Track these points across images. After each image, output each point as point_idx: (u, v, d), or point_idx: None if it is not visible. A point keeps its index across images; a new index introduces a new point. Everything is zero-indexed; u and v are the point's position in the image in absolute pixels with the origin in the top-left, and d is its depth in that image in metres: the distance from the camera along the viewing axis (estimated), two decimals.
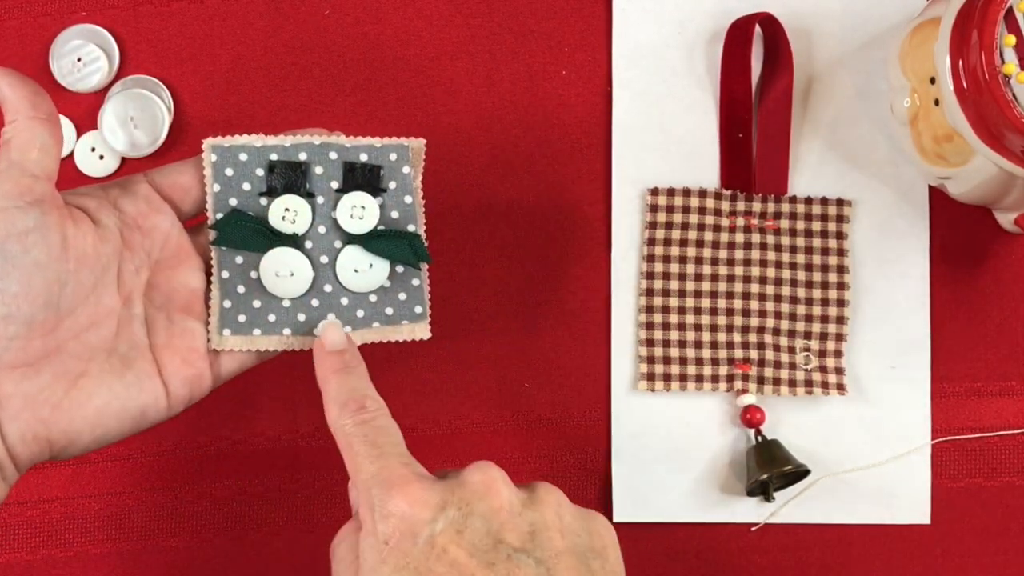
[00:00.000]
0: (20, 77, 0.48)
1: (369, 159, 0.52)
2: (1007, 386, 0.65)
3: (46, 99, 0.48)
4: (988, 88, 0.54)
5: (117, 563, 0.63)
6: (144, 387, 0.49)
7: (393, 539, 0.44)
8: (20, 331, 0.46)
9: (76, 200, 0.49)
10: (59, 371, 0.47)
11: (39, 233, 0.46)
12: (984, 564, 0.65)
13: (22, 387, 0.46)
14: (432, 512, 0.44)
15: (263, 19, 0.64)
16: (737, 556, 0.64)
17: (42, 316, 0.46)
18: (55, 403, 0.47)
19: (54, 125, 0.48)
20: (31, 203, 0.46)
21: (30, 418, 0.47)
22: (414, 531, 0.44)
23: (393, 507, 0.44)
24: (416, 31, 0.64)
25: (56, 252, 0.46)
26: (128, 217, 0.50)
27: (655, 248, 0.64)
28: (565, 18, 0.65)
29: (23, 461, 0.47)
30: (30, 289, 0.46)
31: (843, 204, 0.64)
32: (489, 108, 0.64)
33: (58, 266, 0.46)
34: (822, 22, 0.65)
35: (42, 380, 0.47)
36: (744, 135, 0.64)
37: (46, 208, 0.46)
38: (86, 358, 0.48)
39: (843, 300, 0.64)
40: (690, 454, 0.64)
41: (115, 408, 0.48)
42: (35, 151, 0.47)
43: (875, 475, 0.64)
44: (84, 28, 0.63)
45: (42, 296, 0.46)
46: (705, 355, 0.63)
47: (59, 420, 0.47)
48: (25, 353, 0.46)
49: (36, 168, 0.47)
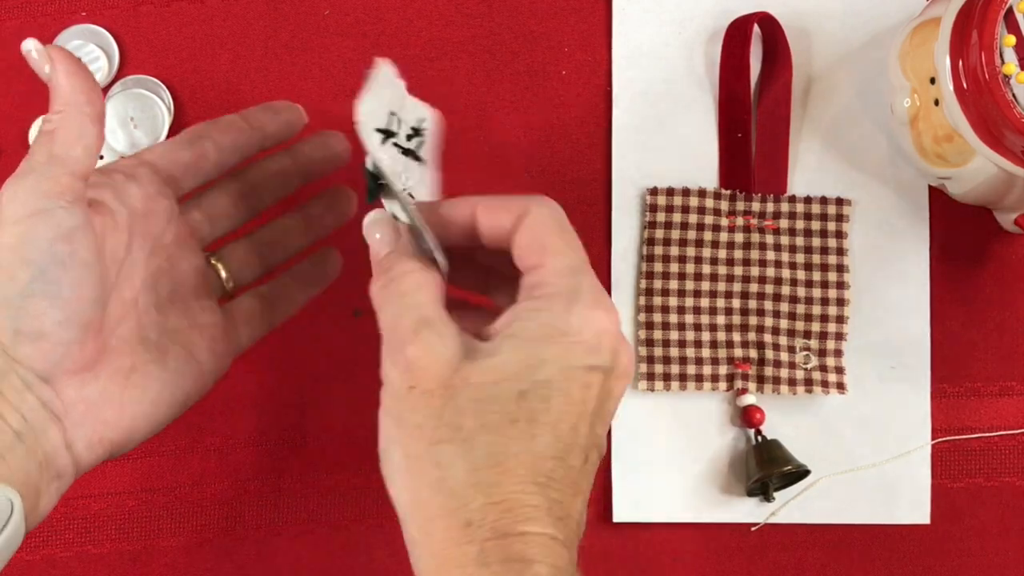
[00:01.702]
0: (79, 65, 0.46)
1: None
2: (1007, 386, 0.65)
3: (99, 95, 0.46)
4: (988, 88, 0.54)
5: (117, 563, 0.63)
6: (183, 370, 0.49)
7: (565, 340, 0.42)
8: (76, 335, 0.44)
9: (94, 193, 0.47)
10: (112, 370, 0.46)
11: (83, 232, 0.44)
12: (984, 564, 0.65)
13: (84, 392, 0.45)
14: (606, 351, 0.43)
15: (263, 19, 0.64)
16: (737, 556, 0.64)
17: (94, 315, 0.45)
18: (116, 403, 0.46)
19: (101, 126, 0.46)
20: (72, 202, 0.44)
21: (95, 422, 0.46)
22: (586, 349, 0.42)
23: (580, 321, 0.42)
24: (416, 31, 0.64)
25: (96, 249, 0.45)
26: (136, 202, 0.48)
27: (655, 248, 0.64)
28: (565, 18, 0.65)
29: (84, 467, 0.46)
30: (82, 290, 0.44)
31: (843, 204, 0.64)
32: (489, 108, 0.64)
33: (99, 263, 0.45)
34: (822, 22, 0.65)
35: (100, 382, 0.46)
36: (743, 135, 0.64)
37: (83, 207, 0.45)
38: (129, 352, 0.47)
39: (843, 300, 0.64)
40: (690, 454, 0.64)
41: (167, 397, 0.48)
42: (80, 149, 0.45)
43: (875, 475, 0.64)
44: (84, 28, 0.63)
45: (91, 296, 0.45)
46: (705, 355, 0.63)
47: (121, 419, 0.46)
48: (83, 356, 0.45)
49: (77, 167, 0.45)
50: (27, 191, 0.44)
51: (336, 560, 0.63)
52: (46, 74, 0.46)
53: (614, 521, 0.63)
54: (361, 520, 0.64)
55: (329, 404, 0.64)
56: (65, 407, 0.45)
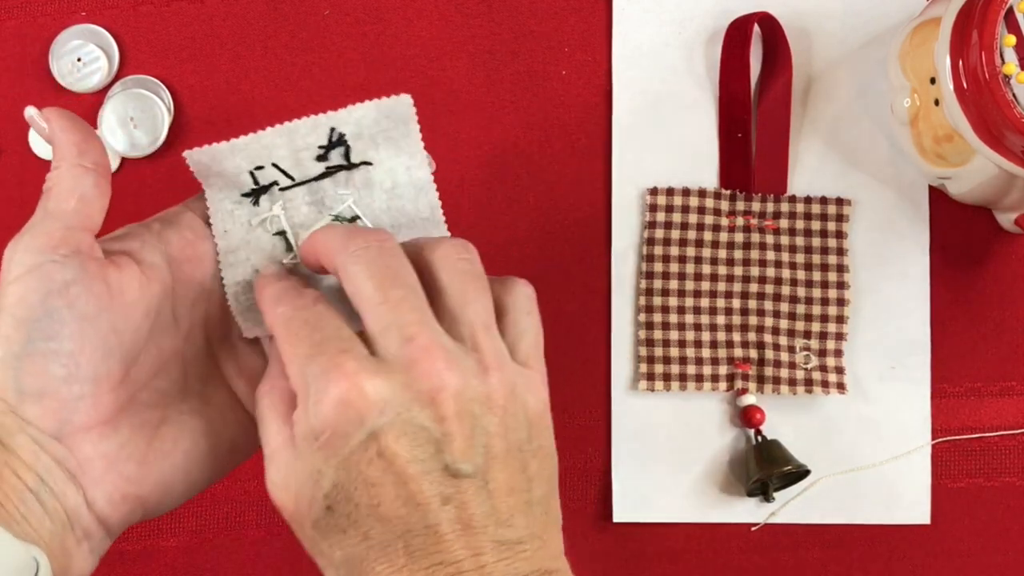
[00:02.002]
0: (72, 120, 0.45)
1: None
2: (1007, 386, 0.65)
3: (96, 146, 0.45)
4: (988, 88, 0.54)
5: (117, 563, 0.63)
6: (228, 421, 0.46)
7: (327, 432, 0.40)
8: (86, 389, 0.43)
9: (117, 245, 0.45)
10: (136, 423, 0.44)
11: (82, 285, 0.43)
12: (984, 564, 0.65)
13: (101, 448, 0.43)
14: (373, 411, 0.40)
15: (263, 19, 0.64)
16: (737, 556, 0.64)
17: (105, 369, 0.43)
18: (139, 458, 0.44)
19: (100, 176, 0.44)
20: (67, 255, 0.43)
21: (116, 479, 0.43)
22: (348, 429, 0.40)
23: (327, 396, 0.40)
24: (416, 31, 0.64)
25: (104, 302, 0.43)
26: (175, 249, 0.46)
27: (655, 248, 0.64)
28: (565, 18, 0.65)
29: (114, 525, 0.44)
30: (85, 344, 0.43)
31: (843, 203, 0.64)
32: (489, 108, 0.64)
33: (109, 315, 0.43)
34: (822, 22, 0.65)
35: (121, 436, 0.44)
36: (743, 135, 0.64)
37: (84, 259, 0.43)
38: (162, 405, 0.45)
39: (843, 300, 0.64)
40: (690, 454, 0.64)
41: (204, 449, 0.46)
42: (74, 201, 0.43)
43: (875, 475, 0.64)
44: (84, 28, 0.63)
45: (100, 349, 0.43)
46: (705, 355, 0.63)
47: (147, 475, 0.44)
48: (97, 411, 0.43)
49: (73, 219, 0.43)
50: (22, 249, 0.43)
51: None
52: (46, 134, 0.45)
53: (614, 521, 0.63)
54: None
55: None
56: (80, 464, 0.43)
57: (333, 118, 0.46)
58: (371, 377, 0.40)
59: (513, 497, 0.42)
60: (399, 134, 0.46)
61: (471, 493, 0.41)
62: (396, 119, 0.46)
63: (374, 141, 0.46)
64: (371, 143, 0.46)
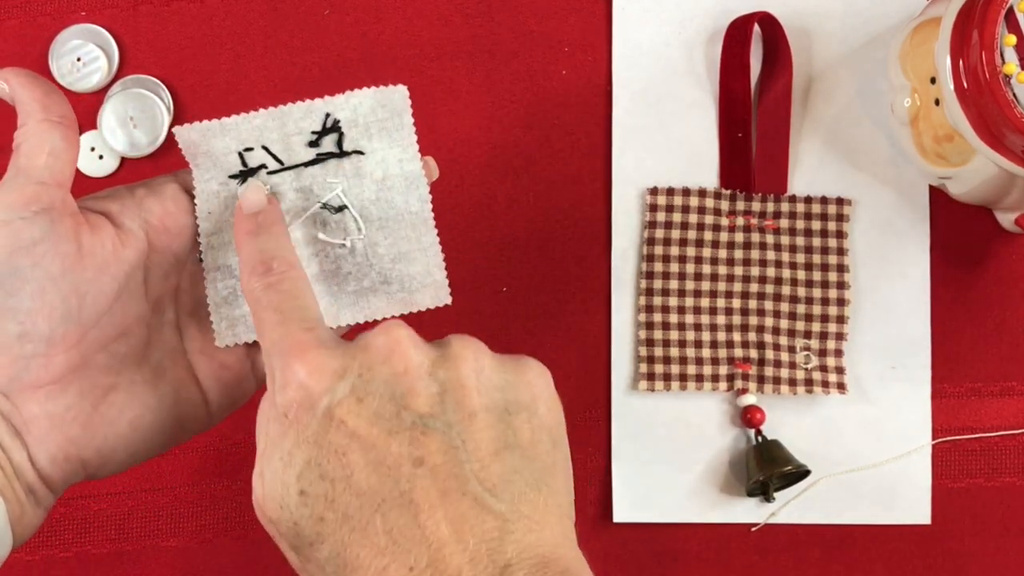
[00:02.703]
0: (31, 77, 0.44)
1: None
2: (1007, 386, 0.65)
3: (60, 100, 0.44)
4: (989, 88, 0.54)
5: (117, 563, 0.63)
6: (180, 396, 0.46)
7: (292, 410, 0.40)
8: (39, 349, 0.43)
9: (97, 204, 0.46)
10: (86, 386, 0.44)
11: (49, 243, 0.43)
12: (984, 564, 0.65)
13: (47, 407, 0.44)
14: (330, 380, 0.40)
15: (263, 19, 0.64)
16: (737, 556, 0.64)
17: (62, 330, 0.43)
18: (84, 421, 0.44)
19: (67, 128, 0.44)
20: (38, 212, 0.43)
21: (59, 438, 0.44)
22: (312, 401, 0.40)
23: (290, 375, 0.40)
24: (416, 31, 0.64)
25: (71, 262, 0.43)
26: (155, 218, 0.46)
27: (655, 248, 0.64)
28: (565, 18, 0.65)
29: (57, 483, 0.45)
30: (44, 304, 0.43)
31: (843, 203, 0.64)
32: (489, 108, 0.64)
33: (74, 276, 0.43)
34: (822, 21, 0.65)
35: (68, 398, 0.44)
36: (744, 135, 0.64)
37: (55, 216, 0.43)
38: (115, 370, 0.45)
39: (843, 299, 0.64)
40: (690, 454, 0.64)
41: (150, 421, 0.46)
42: (44, 156, 0.43)
43: (875, 475, 0.64)
44: (84, 28, 0.63)
45: (59, 309, 0.43)
46: (705, 355, 0.63)
47: (90, 438, 0.44)
48: (48, 371, 0.43)
49: (44, 174, 0.43)
50: None
51: None
52: (7, 95, 0.45)
53: (614, 521, 0.63)
54: None
55: None
56: (25, 421, 0.43)
57: (330, 103, 0.46)
58: (331, 350, 0.41)
59: (498, 463, 0.40)
60: (393, 125, 0.46)
61: (444, 453, 0.39)
62: (392, 109, 0.46)
63: (368, 130, 0.46)
64: (365, 132, 0.46)
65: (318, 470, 0.39)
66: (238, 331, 0.47)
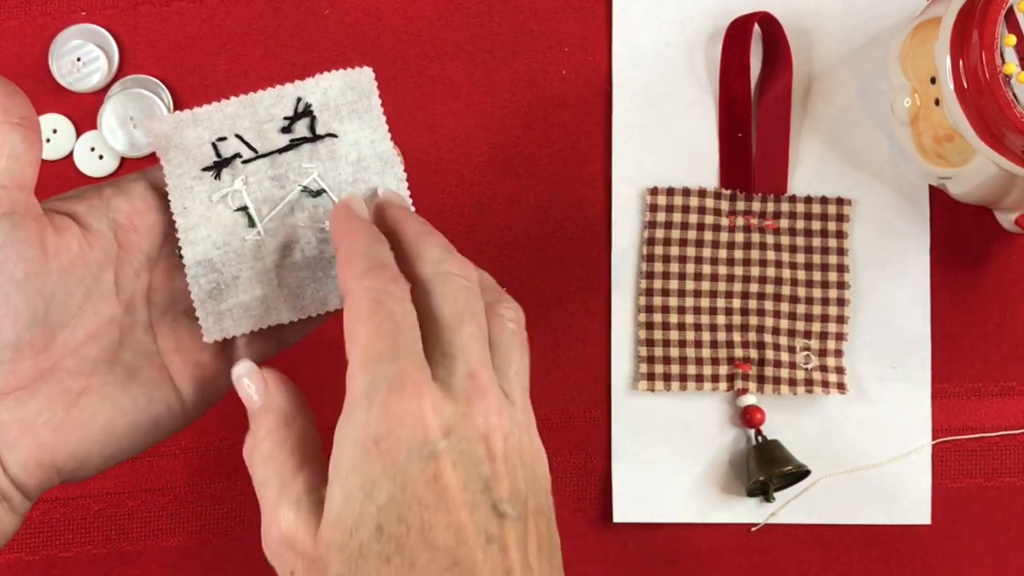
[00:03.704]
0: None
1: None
2: (1007, 386, 0.65)
3: (20, 100, 0.43)
4: (989, 88, 0.54)
5: (117, 563, 0.63)
6: (154, 397, 0.46)
7: (385, 443, 0.40)
8: (5, 355, 0.42)
9: (62, 206, 0.45)
10: (56, 391, 0.44)
11: (12, 248, 0.42)
12: (984, 564, 0.65)
13: (16, 413, 0.43)
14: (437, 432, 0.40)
15: (263, 19, 0.64)
16: (737, 556, 0.64)
17: (28, 335, 0.42)
18: (55, 426, 0.44)
19: (28, 129, 0.43)
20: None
21: (30, 444, 0.43)
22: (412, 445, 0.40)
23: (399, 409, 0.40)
24: (416, 31, 0.64)
25: (35, 265, 0.42)
26: (123, 217, 0.46)
27: (655, 248, 0.64)
28: (565, 18, 0.65)
29: (31, 489, 0.44)
30: (9, 309, 0.42)
31: (843, 203, 0.64)
32: (489, 108, 0.64)
33: (39, 280, 0.42)
34: (822, 21, 0.65)
35: (38, 403, 0.43)
36: (744, 135, 0.64)
37: (17, 220, 0.42)
38: (86, 373, 0.45)
39: (843, 299, 0.64)
40: (690, 454, 0.64)
41: (124, 424, 0.45)
42: (3, 159, 0.42)
43: (875, 475, 0.64)
44: (84, 28, 0.63)
45: (25, 315, 0.42)
46: (705, 355, 0.63)
47: (63, 443, 0.44)
48: (16, 377, 0.43)
49: (4, 177, 0.42)
50: None
51: None
52: None
53: (614, 521, 0.63)
54: None
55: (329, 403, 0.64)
56: None
57: (300, 87, 0.46)
58: (441, 400, 0.40)
59: (542, 558, 0.41)
60: (363, 107, 0.47)
61: (512, 537, 0.40)
62: (360, 91, 0.47)
63: (339, 113, 0.47)
64: (336, 115, 0.47)
65: (398, 511, 0.39)
66: (225, 325, 0.47)
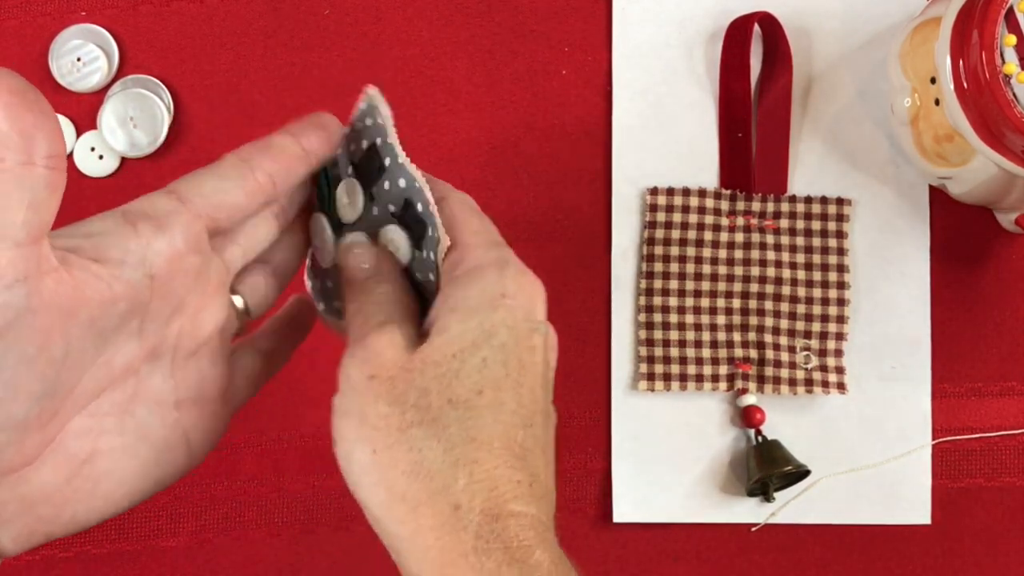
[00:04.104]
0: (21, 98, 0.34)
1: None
2: (1008, 386, 0.65)
3: (49, 134, 0.34)
4: (989, 88, 0.54)
5: (117, 563, 0.63)
6: (163, 457, 0.41)
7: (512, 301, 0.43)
8: (11, 437, 0.37)
9: (91, 246, 0.38)
10: (60, 460, 0.39)
11: (26, 323, 0.35)
12: (984, 564, 0.65)
13: (18, 490, 0.38)
14: (542, 316, 0.44)
15: (263, 19, 0.64)
16: (737, 556, 0.64)
17: (37, 410, 0.37)
18: (57, 500, 0.39)
19: (54, 170, 0.34)
20: (10, 286, 0.34)
21: (28, 519, 0.39)
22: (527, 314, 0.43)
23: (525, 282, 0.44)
24: (416, 31, 0.64)
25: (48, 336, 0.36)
26: (162, 262, 0.39)
27: (655, 248, 0.64)
28: (565, 18, 0.65)
29: (12, 554, 0.40)
30: (19, 390, 0.36)
31: (843, 203, 0.64)
32: (489, 108, 0.64)
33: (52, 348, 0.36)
34: (822, 21, 0.65)
35: (42, 477, 0.38)
36: (744, 135, 0.64)
37: (31, 286, 0.35)
38: (95, 434, 0.40)
39: (843, 299, 0.64)
40: (690, 454, 0.64)
41: (126, 491, 0.41)
42: (22, 212, 0.34)
43: (875, 475, 0.64)
44: (84, 28, 0.63)
45: (36, 390, 0.36)
46: (705, 355, 0.63)
47: (59, 515, 0.40)
48: (22, 456, 0.37)
49: (21, 234, 0.34)
50: None
51: (336, 560, 0.63)
52: None
53: (614, 521, 0.63)
54: (361, 520, 0.63)
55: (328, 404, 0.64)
56: None
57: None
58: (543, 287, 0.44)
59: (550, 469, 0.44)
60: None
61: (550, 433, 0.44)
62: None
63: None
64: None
65: (504, 357, 0.41)
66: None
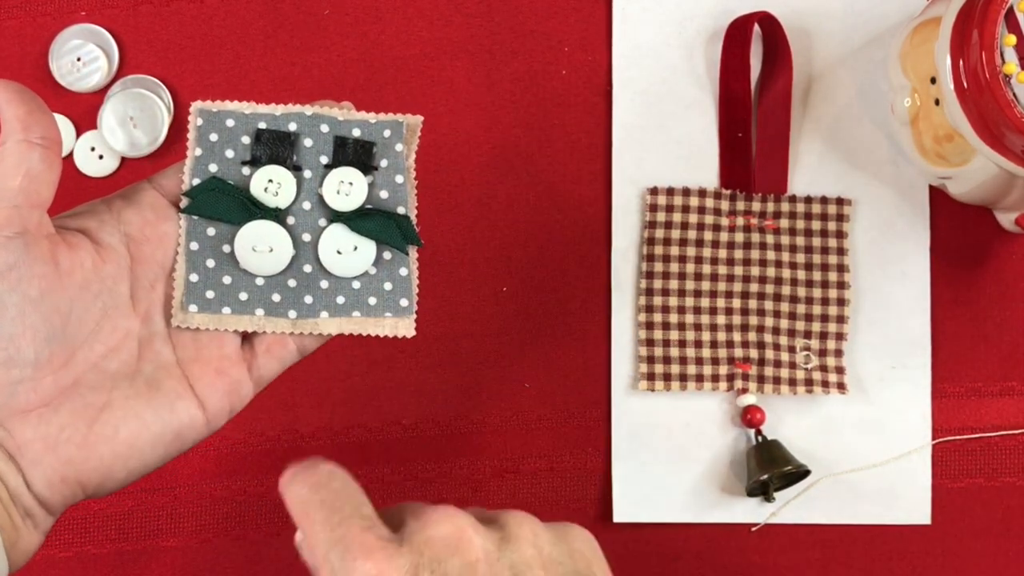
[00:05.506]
0: (19, 92, 0.43)
1: (362, 135, 0.48)
2: (1007, 386, 0.65)
3: (42, 119, 0.43)
4: (989, 88, 0.54)
5: (117, 563, 0.63)
6: (176, 408, 0.45)
7: None
8: (26, 373, 0.43)
9: (73, 222, 0.45)
10: (78, 406, 0.44)
11: (25, 267, 0.42)
12: (984, 564, 0.65)
13: (40, 430, 0.43)
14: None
15: (263, 19, 0.64)
16: (737, 556, 0.64)
17: (47, 352, 0.43)
18: (79, 441, 0.44)
19: (48, 149, 0.43)
20: (11, 236, 0.42)
21: (54, 461, 0.43)
22: None
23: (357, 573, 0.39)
24: (416, 31, 0.64)
25: (49, 283, 0.43)
26: (134, 229, 0.46)
27: (655, 248, 0.64)
28: (565, 18, 0.65)
29: (55, 506, 0.44)
30: (27, 328, 0.42)
31: (843, 203, 0.64)
32: (489, 108, 0.64)
33: (55, 297, 0.43)
34: (822, 21, 0.65)
35: (61, 419, 0.43)
36: (744, 134, 0.64)
37: (29, 239, 0.43)
38: (108, 387, 0.45)
39: (843, 299, 0.64)
40: (690, 454, 0.64)
41: (147, 436, 0.45)
42: (19, 179, 0.43)
43: (875, 475, 0.64)
44: (84, 28, 0.63)
45: (43, 332, 0.43)
46: (705, 355, 0.63)
47: (87, 458, 0.44)
48: (37, 394, 0.43)
49: (19, 197, 0.42)
50: None
51: None
52: None
53: (614, 521, 0.63)
54: None
55: (328, 404, 0.64)
56: (19, 446, 0.43)
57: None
58: (395, 551, 0.39)
59: None
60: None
61: None
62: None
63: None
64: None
65: None
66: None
